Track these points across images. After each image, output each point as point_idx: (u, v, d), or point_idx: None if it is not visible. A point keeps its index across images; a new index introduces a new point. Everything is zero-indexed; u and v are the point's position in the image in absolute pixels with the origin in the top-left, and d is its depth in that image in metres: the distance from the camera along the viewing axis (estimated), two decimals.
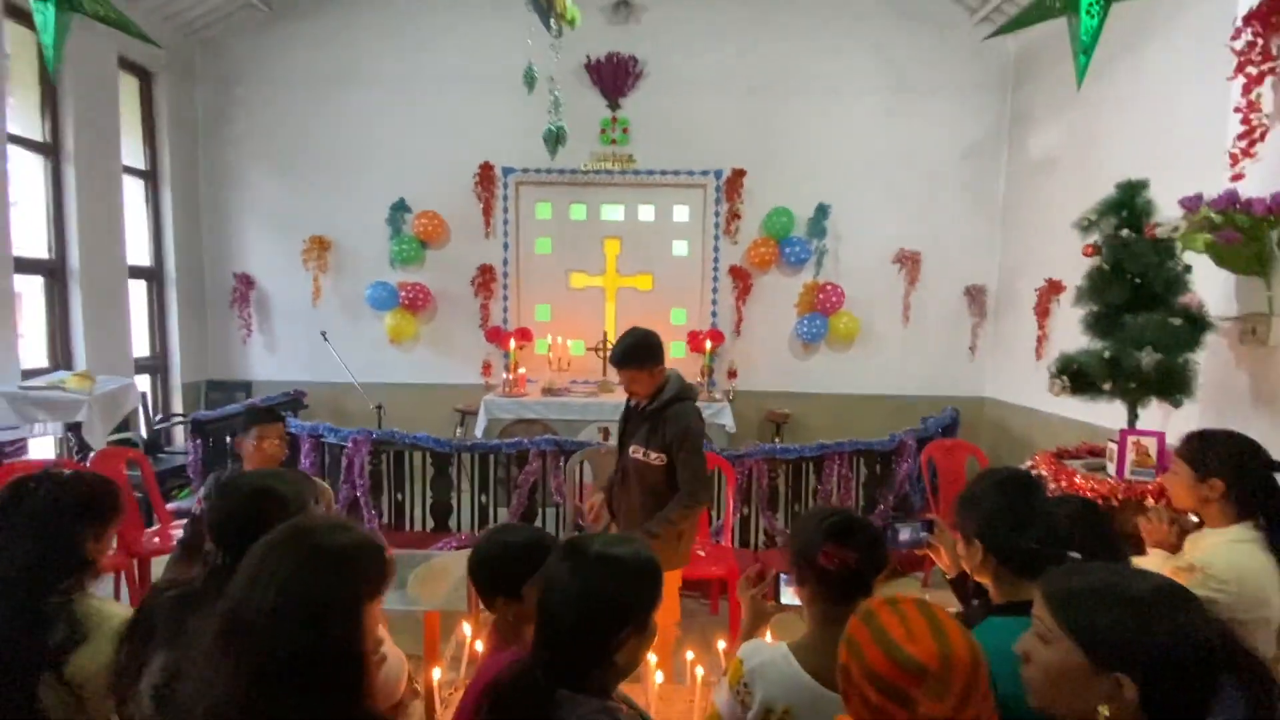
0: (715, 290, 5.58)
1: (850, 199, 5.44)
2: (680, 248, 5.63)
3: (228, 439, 4.66)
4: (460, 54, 5.36)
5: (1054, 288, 4.69)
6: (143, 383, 5.22)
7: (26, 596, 1.15)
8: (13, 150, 3.93)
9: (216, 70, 5.48)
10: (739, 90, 5.39)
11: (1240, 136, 2.19)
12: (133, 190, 5.06)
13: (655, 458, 2.36)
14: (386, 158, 5.48)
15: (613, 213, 5.62)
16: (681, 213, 5.60)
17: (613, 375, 5.27)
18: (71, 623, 1.17)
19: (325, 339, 5.11)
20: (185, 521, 2.54)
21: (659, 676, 1.95)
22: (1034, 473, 2.49)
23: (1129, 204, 2.30)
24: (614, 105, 5.44)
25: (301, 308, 5.57)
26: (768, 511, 3.87)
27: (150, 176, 5.23)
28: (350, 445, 3.92)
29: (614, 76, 5.36)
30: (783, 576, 1.48)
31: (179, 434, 5.20)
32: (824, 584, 1.29)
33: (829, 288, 5.40)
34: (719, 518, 3.68)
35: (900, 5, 5.27)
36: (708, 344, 5.28)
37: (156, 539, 3.36)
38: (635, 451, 2.40)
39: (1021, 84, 5.24)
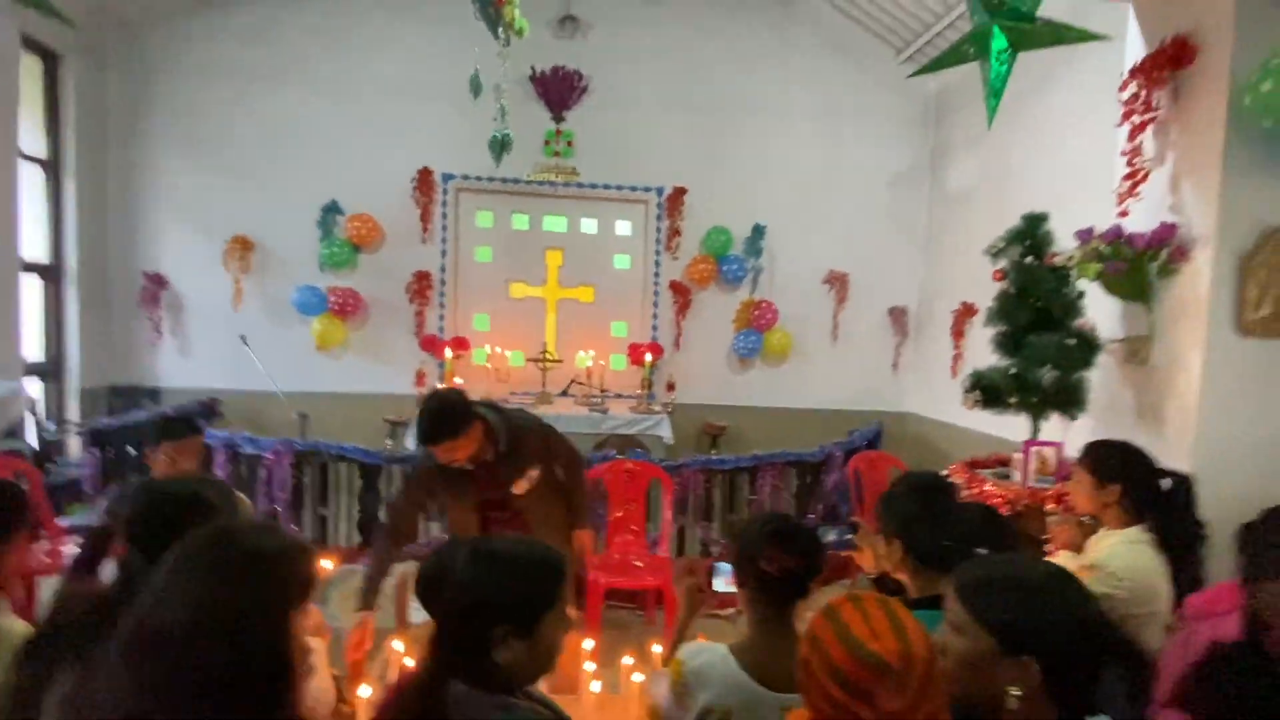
0: (656, 304, 5.66)
1: (785, 220, 5.66)
2: (622, 261, 5.69)
3: (129, 450, 4.33)
4: (401, 58, 5.26)
5: (968, 310, 5.03)
6: (35, 388, 4.78)
7: None
8: None
9: (133, 56, 5.15)
10: (682, 110, 5.54)
11: (1126, 178, 2.45)
12: (30, 179, 4.66)
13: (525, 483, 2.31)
14: (319, 159, 5.29)
15: (555, 224, 5.63)
16: (624, 227, 5.67)
17: (552, 386, 5.27)
18: None
19: (245, 343, 4.84)
20: (83, 537, 2.34)
21: (595, 686, 1.95)
22: (949, 479, 2.66)
23: (1032, 234, 2.54)
24: (559, 118, 5.47)
25: (220, 311, 5.26)
26: (703, 521, 3.93)
27: (51, 166, 4.83)
28: (270, 456, 3.72)
29: (559, 90, 5.40)
30: (716, 565, 1.53)
31: (75, 445, 4.78)
32: (764, 587, 1.34)
33: (764, 305, 5.58)
34: (656, 528, 3.72)
35: (834, 39, 5.58)
36: (648, 357, 5.35)
37: (46, 557, 3.07)
38: (520, 487, 2.29)
39: (942, 119, 5.63)
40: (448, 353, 5.12)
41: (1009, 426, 4.43)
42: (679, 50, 5.48)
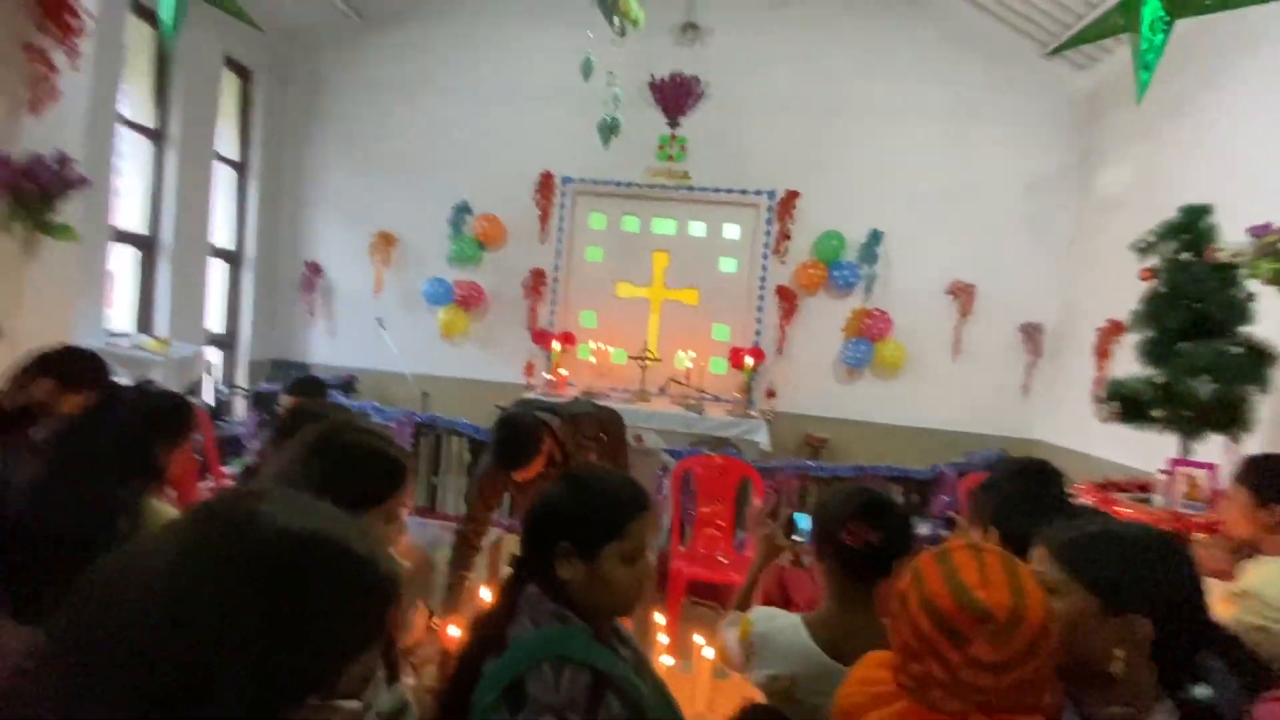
0: (760, 309, 5.58)
1: (905, 226, 5.37)
2: (728, 264, 5.67)
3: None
4: (529, 66, 5.62)
5: (1116, 329, 4.48)
6: (213, 355, 5.59)
7: (102, 486, 1.27)
8: (125, 133, 4.34)
9: (308, 72, 5.92)
10: (798, 112, 5.44)
11: None
12: (224, 178, 5.48)
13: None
14: (454, 162, 5.76)
15: (664, 226, 5.73)
16: (732, 230, 5.65)
17: (651, 384, 5.34)
18: (133, 515, 1.28)
19: (381, 325, 5.35)
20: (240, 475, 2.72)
21: (666, 660, 1.96)
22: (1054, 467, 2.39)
23: (1191, 228, 2.22)
24: (674, 123, 5.57)
25: (363, 297, 5.86)
26: None
27: (241, 167, 5.66)
28: (395, 426, 4.08)
29: (676, 96, 5.50)
30: (795, 516, 1.49)
31: (240, 407, 5.52)
32: (845, 561, 1.29)
33: (877, 314, 5.32)
34: (744, 530, 3.64)
35: (966, 36, 5.24)
36: (748, 360, 5.27)
37: (209, 494, 3.57)
38: None
39: (1093, 120, 5.09)
40: (555, 345, 5.35)
41: (1156, 458, 3.91)
42: (800, 53, 5.39)
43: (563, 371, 5.27)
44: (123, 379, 3.97)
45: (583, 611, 1.05)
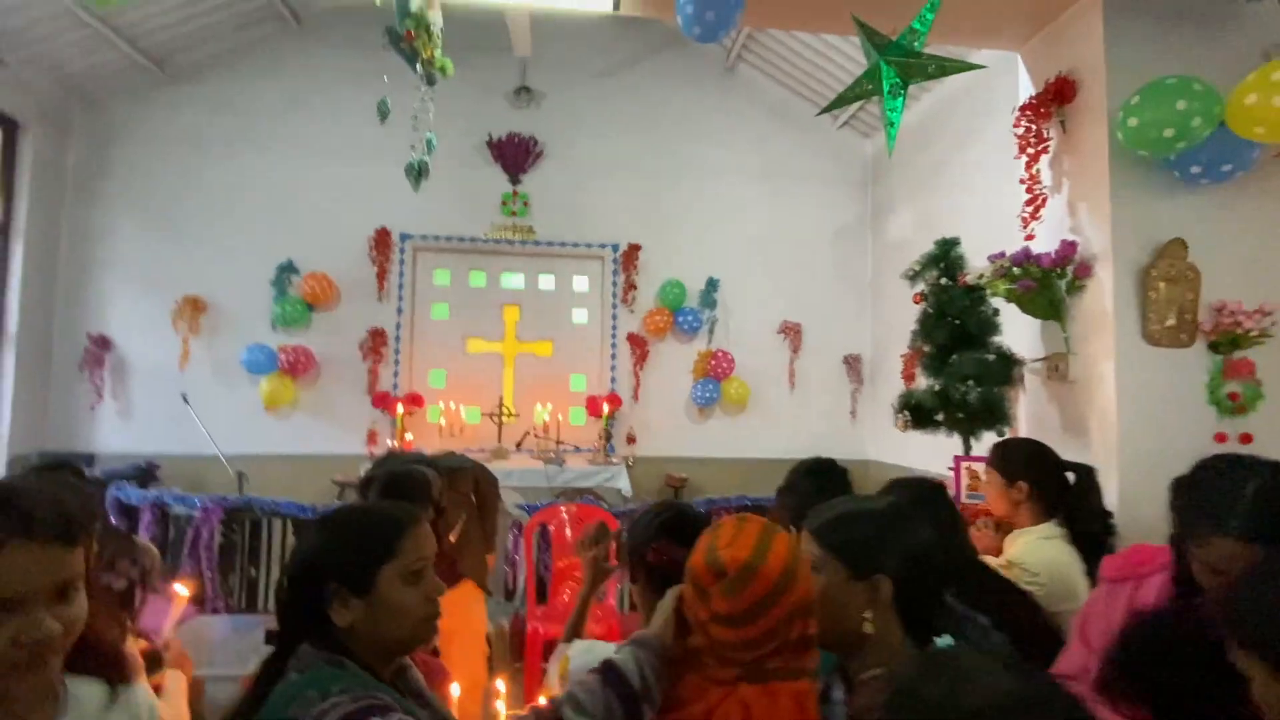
0: (614, 356, 5.69)
1: (737, 273, 5.83)
2: (580, 315, 5.76)
3: None
4: (357, 123, 5.40)
5: (916, 355, 5.14)
6: None
7: None
8: None
9: (95, 128, 5.27)
10: (633, 172, 5.79)
11: (1027, 204, 2.60)
12: None
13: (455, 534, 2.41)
14: (275, 220, 5.37)
15: (513, 281, 5.72)
16: (581, 282, 5.78)
17: (508, 440, 5.18)
18: None
19: (186, 401, 4.72)
20: None
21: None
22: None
23: (945, 257, 2.65)
24: (515, 180, 5.67)
25: (166, 372, 5.14)
26: None
27: (1, 229, 4.81)
28: (199, 514, 3.54)
29: (515, 154, 5.63)
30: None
31: None
32: (654, 581, 1.28)
33: (720, 354, 5.65)
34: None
35: (773, 107, 5.96)
36: (605, 408, 5.32)
37: None
38: (454, 535, 2.39)
39: (879, 179, 5.96)
40: (399, 409, 5.03)
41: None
42: (628, 118, 5.80)
43: (409, 436, 4.94)
44: None
45: (370, 658, 0.93)
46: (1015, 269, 2.43)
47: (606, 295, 5.73)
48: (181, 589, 1.96)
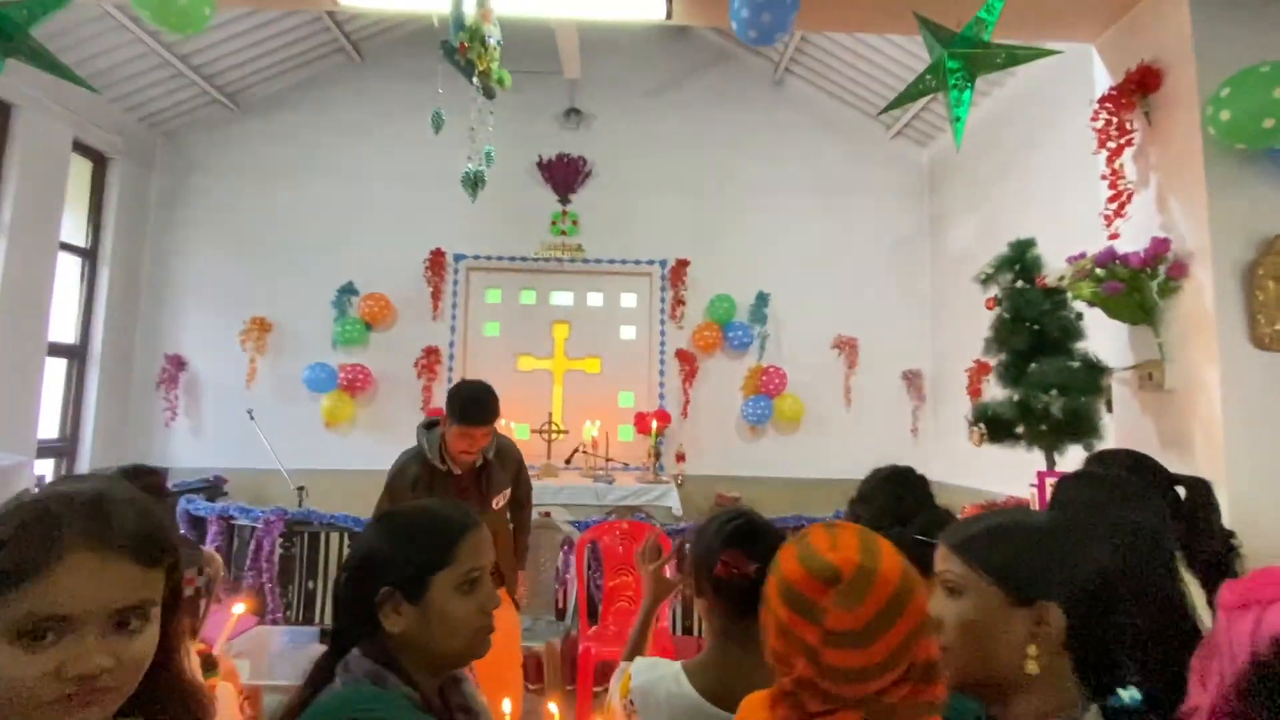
0: (663, 373, 5.63)
1: (789, 287, 5.71)
2: (628, 332, 5.74)
3: None
4: (415, 148, 5.62)
5: (982, 368, 4.89)
6: (46, 467, 4.84)
7: None
8: None
9: (175, 160, 5.62)
10: (681, 187, 5.77)
11: (1110, 200, 2.43)
12: (68, 267, 4.97)
13: (501, 500, 2.37)
14: (337, 243, 5.58)
15: (562, 298, 5.75)
16: (629, 299, 5.77)
17: (556, 458, 5.16)
18: None
19: (251, 417, 4.89)
20: None
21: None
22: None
23: (1020, 259, 2.49)
24: (564, 200, 5.73)
25: (233, 390, 5.36)
26: None
27: (90, 255, 5.16)
28: (261, 526, 3.63)
29: (564, 175, 5.71)
30: (689, 547, 1.38)
31: None
32: (721, 596, 1.19)
33: (772, 370, 5.51)
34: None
35: (824, 118, 5.87)
36: (654, 425, 5.25)
37: None
38: (497, 502, 2.34)
39: (937, 188, 5.77)
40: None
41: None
42: (676, 135, 5.80)
43: None
44: None
45: (419, 669, 0.88)
46: (1100, 270, 2.26)
47: (654, 311, 5.69)
48: (239, 607, 1.99)
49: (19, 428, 4.37)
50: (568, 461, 5.17)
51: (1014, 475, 4.43)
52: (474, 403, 2.07)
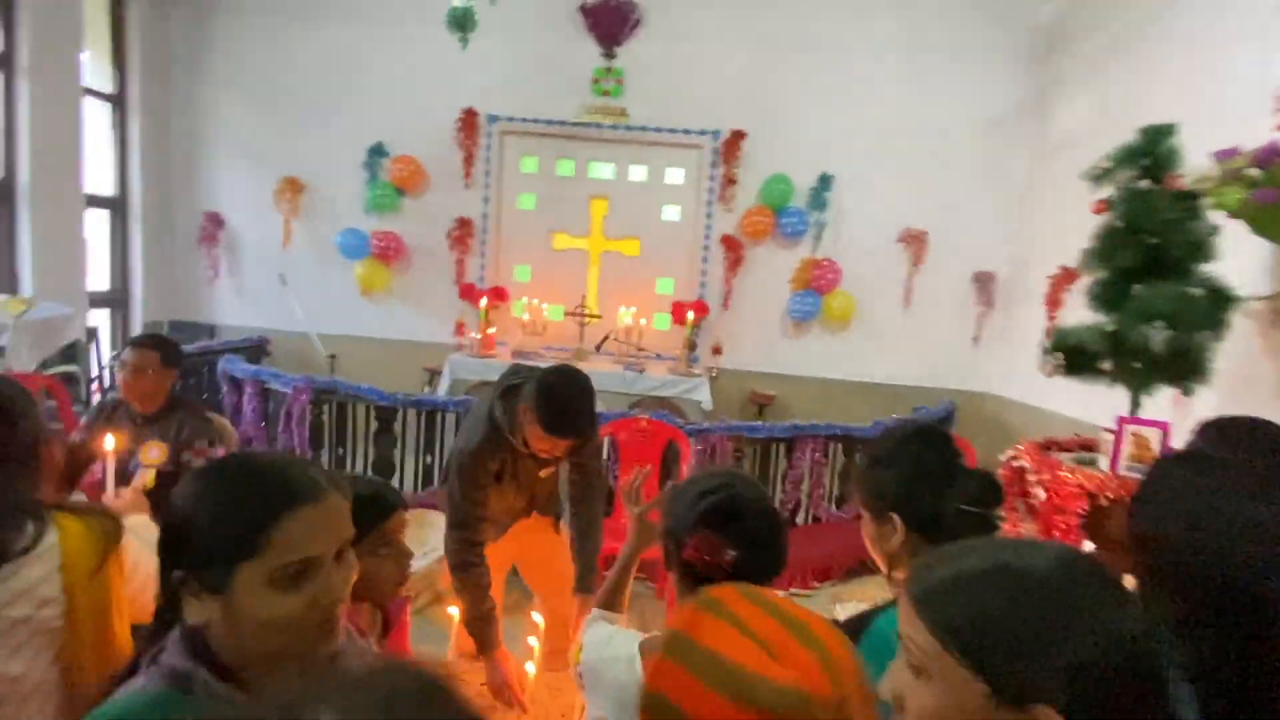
0: (705, 260, 5.24)
1: (856, 170, 5.05)
2: (671, 212, 5.29)
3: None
4: None
5: (1068, 276, 4.31)
6: (102, 318, 5.03)
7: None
8: None
9: None
10: (743, 45, 5.00)
11: None
12: (97, 114, 4.82)
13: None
14: (366, 98, 5.19)
15: (602, 170, 5.29)
16: (675, 175, 5.25)
17: (589, 342, 5.01)
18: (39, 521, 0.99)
19: (283, 282, 4.87)
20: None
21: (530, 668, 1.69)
22: (1015, 463, 2.17)
23: (1152, 151, 1.94)
24: (609, 54, 5.08)
25: (271, 251, 5.32)
26: None
27: (118, 102, 4.98)
28: (290, 392, 3.67)
29: (610, 22, 5.00)
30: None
31: None
32: (687, 579, 0.99)
33: (826, 264, 5.03)
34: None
35: None
36: (690, 315, 4.96)
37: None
38: (546, 471, 1.91)
39: (1052, 52, 4.79)
40: (483, 301, 4.94)
41: (1109, 415, 3.78)
42: None
43: (491, 330, 4.88)
44: None
45: (245, 663, 0.69)
46: (1256, 171, 1.73)
47: (702, 190, 5.18)
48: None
49: (67, 279, 4.47)
50: (599, 347, 5.02)
51: (1086, 401, 4.01)
52: (564, 417, 1.59)
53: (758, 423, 3.63)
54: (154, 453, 2.37)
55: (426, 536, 3.51)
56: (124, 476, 2.36)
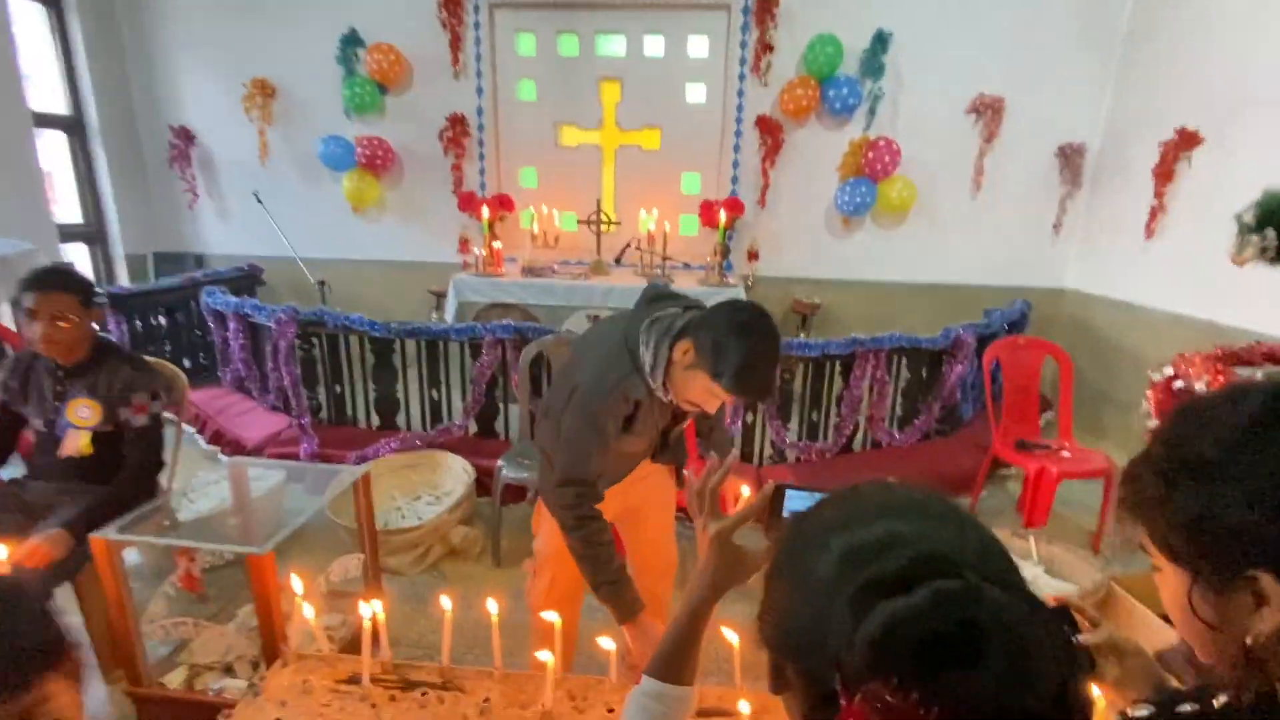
0: (737, 149, 4.51)
1: (918, 26, 4.17)
2: (695, 93, 4.51)
3: (160, 319, 4.09)
4: None
5: (1186, 140, 3.52)
6: (79, 253, 4.63)
7: None
8: None
9: None
10: None
11: None
12: (30, 17, 4.18)
13: None
14: None
15: (612, 45, 4.49)
16: (698, 45, 4.43)
17: (607, 254, 4.43)
18: None
19: (259, 200, 4.35)
20: None
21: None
22: (1178, 384, 1.62)
23: None
24: None
25: (248, 168, 4.77)
26: (776, 420, 3.10)
27: (53, 3, 4.31)
28: (274, 326, 3.25)
29: None
30: (790, 492, 0.78)
31: None
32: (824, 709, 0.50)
33: (881, 145, 4.26)
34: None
35: None
36: (722, 216, 4.32)
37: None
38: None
39: None
40: (485, 212, 4.35)
41: (1235, 311, 3.13)
42: None
43: (497, 245, 4.33)
44: None
45: None
46: None
47: (732, 62, 4.36)
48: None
49: (28, 211, 4.02)
50: (618, 259, 4.45)
51: (1204, 298, 3.36)
52: (754, 372, 1.28)
53: (812, 340, 3.08)
54: (84, 412, 1.98)
55: (439, 480, 3.19)
56: (52, 440, 2.01)
